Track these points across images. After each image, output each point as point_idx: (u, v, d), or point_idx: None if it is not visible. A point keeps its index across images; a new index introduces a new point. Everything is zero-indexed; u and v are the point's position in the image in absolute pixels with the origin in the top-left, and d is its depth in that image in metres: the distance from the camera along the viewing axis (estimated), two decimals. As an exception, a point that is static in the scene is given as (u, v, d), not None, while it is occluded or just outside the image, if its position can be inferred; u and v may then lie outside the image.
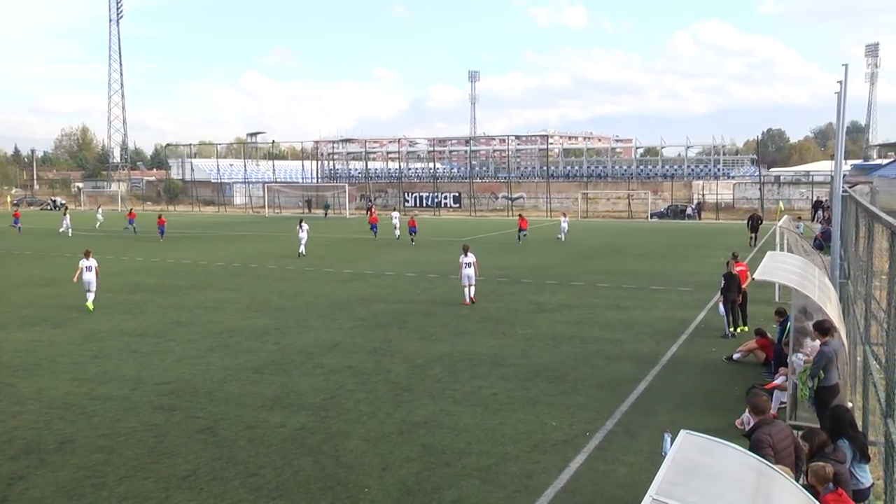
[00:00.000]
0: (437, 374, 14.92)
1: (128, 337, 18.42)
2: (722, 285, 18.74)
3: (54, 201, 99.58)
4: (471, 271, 22.92)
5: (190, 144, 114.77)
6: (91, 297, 22.52)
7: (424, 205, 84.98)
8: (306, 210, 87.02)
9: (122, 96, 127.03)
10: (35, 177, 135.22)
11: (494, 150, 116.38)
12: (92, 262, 22.85)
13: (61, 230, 53.66)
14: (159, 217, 51.22)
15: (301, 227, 38.17)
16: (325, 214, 76.00)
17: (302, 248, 37.40)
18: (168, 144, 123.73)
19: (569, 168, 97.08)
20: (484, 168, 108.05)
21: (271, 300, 23.71)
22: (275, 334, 18.61)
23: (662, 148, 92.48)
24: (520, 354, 16.51)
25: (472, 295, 22.81)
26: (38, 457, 10.84)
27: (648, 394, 13.70)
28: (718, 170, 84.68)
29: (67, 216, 56.18)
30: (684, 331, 18.97)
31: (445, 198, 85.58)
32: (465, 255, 23.18)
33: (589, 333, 18.63)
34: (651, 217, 69.67)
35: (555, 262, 33.80)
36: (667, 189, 78.29)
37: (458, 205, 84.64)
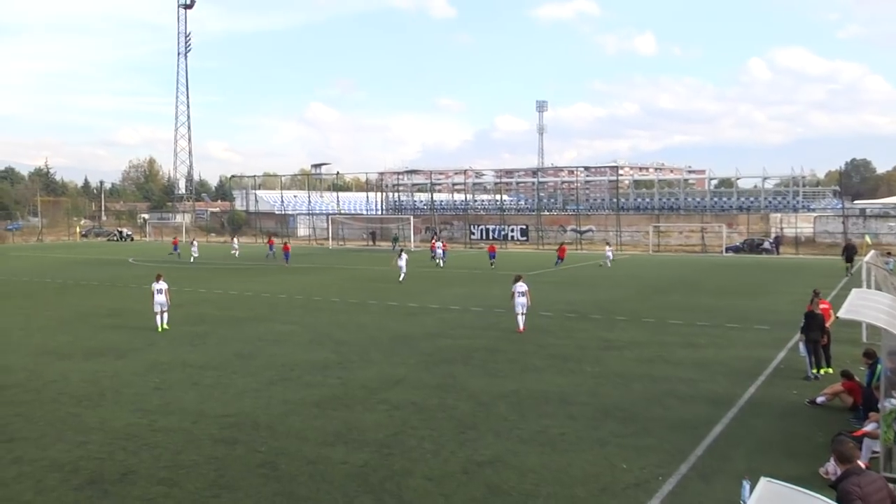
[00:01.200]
0: (503, 412, 14.79)
1: (190, 369, 18.76)
2: (802, 324, 18.20)
3: (120, 232, 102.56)
4: (524, 300, 24.09)
5: (254, 176, 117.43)
6: (164, 318, 24.74)
7: (491, 237, 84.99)
8: (371, 243, 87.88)
9: (189, 128, 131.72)
10: (103, 208, 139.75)
11: (563, 182, 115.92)
12: (163, 285, 24.90)
13: (195, 257, 60.47)
14: (285, 244, 56.89)
15: (401, 256, 42.48)
16: (395, 247, 76.67)
17: (402, 276, 41.30)
18: (233, 176, 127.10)
19: (639, 200, 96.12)
20: (552, 200, 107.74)
21: (333, 333, 23.90)
22: (337, 368, 18.72)
23: (737, 179, 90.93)
24: (588, 393, 16.27)
25: (523, 324, 23.86)
26: (101, 487, 11.07)
27: (724, 437, 13.33)
28: (798, 202, 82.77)
29: (195, 244, 63.90)
30: (762, 371, 18.46)
31: (512, 230, 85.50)
32: (519, 283, 24.38)
33: (660, 372, 18.27)
34: (726, 251, 68.32)
35: (625, 298, 33.37)
36: (742, 222, 76.79)
37: (525, 238, 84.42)
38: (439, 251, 54.46)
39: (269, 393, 16.31)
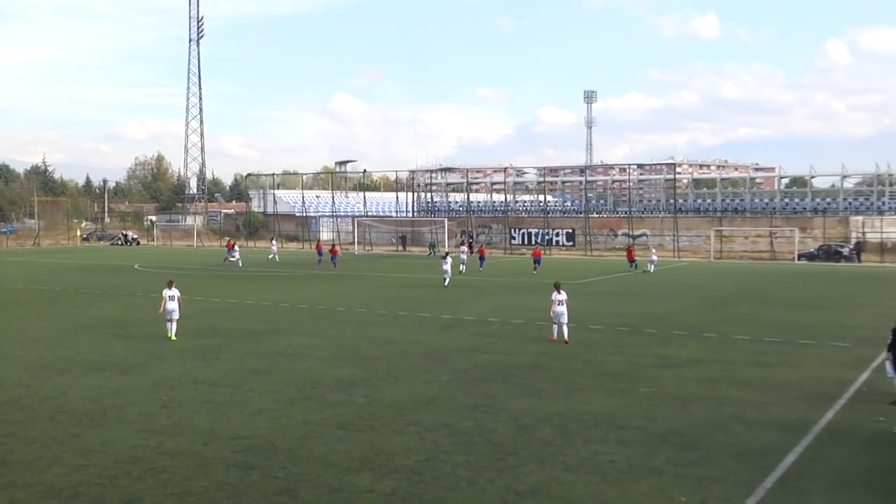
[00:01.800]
0: (546, 437, 14.71)
1: (201, 385, 18.91)
2: (889, 341, 17.88)
3: (125, 235, 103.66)
4: (563, 308, 24.95)
5: (272, 174, 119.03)
6: (174, 326, 25.59)
7: (533, 242, 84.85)
8: (401, 248, 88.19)
9: (201, 122, 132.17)
10: (106, 209, 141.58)
11: (613, 181, 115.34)
12: (175, 292, 25.81)
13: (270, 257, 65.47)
14: (332, 247, 60.46)
15: (445, 260, 44.90)
16: (431, 253, 76.88)
17: (447, 281, 43.77)
18: (249, 174, 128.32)
19: (699, 201, 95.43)
20: (601, 201, 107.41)
21: (360, 348, 23.98)
22: (363, 386, 18.76)
23: (812, 177, 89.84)
24: (642, 416, 16.13)
25: (565, 335, 24.86)
26: (102, 516, 11.16)
27: (798, 468, 13.12)
28: (883, 203, 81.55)
29: (274, 244, 68.32)
30: (842, 394, 18.17)
31: (557, 234, 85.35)
32: (558, 292, 25.15)
33: (724, 394, 18.07)
34: (798, 258, 67.51)
35: (683, 310, 33.10)
36: (818, 226, 75.85)
37: (571, 243, 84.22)
38: (464, 256, 55.41)
39: (289, 413, 16.38)
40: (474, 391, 18.28)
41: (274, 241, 74.46)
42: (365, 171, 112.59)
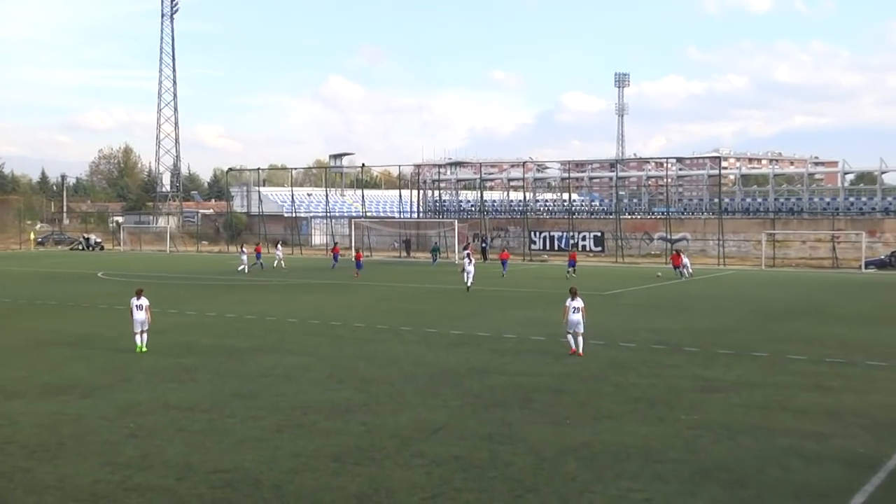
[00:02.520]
0: (571, 471, 14.66)
1: (174, 411, 18.89)
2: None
3: (87, 239, 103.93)
4: (579, 317, 25.82)
5: (258, 169, 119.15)
6: (144, 338, 26.65)
7: (556, 247, 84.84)
8: (404, 253, 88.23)
9: (175, 109, 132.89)
10: (65, 208, 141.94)
11: (648, 177, 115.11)
12: (144, 301, 26.79)
13: (277, 264, 66.41)
14: (357, 251, 62.79)
15: (469, 260, 47.94)
16: (435, 259, 76.90)
17: (469, 282, 47.42)
18: (230, 169, 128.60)
19: (749, 200, 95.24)
20: (634, 200, 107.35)
21: (358, 368, 23.96)
22: (362, 412, 18.72)
23: (882, 173, 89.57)
24: (682, 448, 16.05)
25: (580, 348, 25.79)
26: (59, 561, 11.13)
27: (865, 508, 13.03)
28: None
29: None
30: (916, 423, 18.06)
31: (584, 238, 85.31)
32: (573, 298, 25.98)
33: (778, 423, 17.97)
34: (866, 267, 67.26)
35: (729, 325, 33.01)
36: (889, 229, 75.62)
37: (599, 248, 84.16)
38: (465, 261, 54.72)
39: (276, 443, 16.35)
40: (488, 418, 18.21)
41: (280, 246, 74.87)
42: (363, 165, 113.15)
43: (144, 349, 26.40)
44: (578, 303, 25.87)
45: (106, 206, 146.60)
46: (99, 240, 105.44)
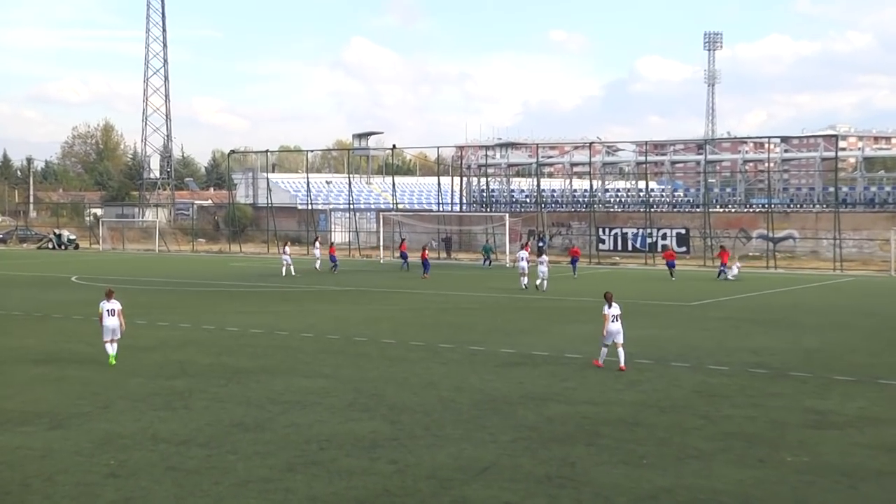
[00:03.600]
0: (650, 523, 14.49)
1: (164, 445, 18.90)
2: None
3: (59, 235, 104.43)
4: (619, 326, 27.19)
5: (266, 151, 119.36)
6: (114, 348, 27.55)
7: (629, 247, 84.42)
8: (444, 254, 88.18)
9: (166, 78, 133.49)
10: (31, 198, 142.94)
11: (745, 161, 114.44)
12: (115, 305, 27.71)
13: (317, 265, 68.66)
14: (424, 249, 65.13)
15: (541, 258, 50.87)
16: (487, 262, 76.88)
17: (544, 284, 50.49)
18: (232, 151, 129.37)
19: (873, 189, 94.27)
20: (727, 190, 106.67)
21: (386, 394, 23.91)
22: (391, 447, 18.67)
23: None
24: (789, 497, 15.88)
25: (622, 361, 27.03)
26: None
27: None
28: None
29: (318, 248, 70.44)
30: None
31: (664, 236, 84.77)
32: (610, 305, 27.25)
33: (912, 465, 17.72)
34: None
35: (849, 345, 32.70)
36: None
37: (684, 248, 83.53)
38: (522, 263, 55.90)
39: (286, 484, 16.34)
40: (546, 456, 18.11)
41: (318, 244, 75.04)
42: (394, 147, 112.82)
43: (114, 361, 27.38)
44: (616, 310, 27.39)
45: (82, 195, 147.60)
46: (73, 237, 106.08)
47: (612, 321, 27.33)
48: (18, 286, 56.08)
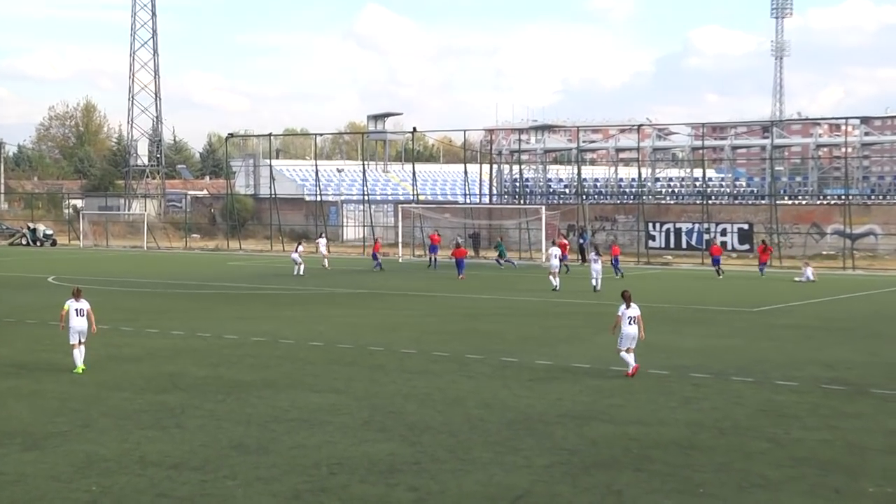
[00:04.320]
0: (709, 561, 14.43)
1: (153, 469, 18.90)
2: None
3: (33, 230, 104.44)
4: (636, 330, 28.06)
5: (269, 135, 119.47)
6: (82, 354, 28.24)
7: (684, 244, 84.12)
8: (471, 252, 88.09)
9: (155, 51, 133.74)
10: (2, 188, 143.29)
11: (819, 146, 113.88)
12: (84, 304, 28.49)
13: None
14: (458, 247, 65.14)
15: (591, 257, 53.09)
16: (502, 261, 76.73)
17: (596, 282, 52.84)
18: (231, 135, 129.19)
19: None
20: (797, 179, 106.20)
21: (406, 411, 23.90)
22: (411, 473, 18.64)
23: None
24: (870, 530, 15.74)
25: (633, 364, 27.98)
26: None
27: None
28: None
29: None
30: None
31: (724, 232, 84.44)
32: (627, 305, 28.08)
33: None
34: None
35: (936, 356, 32.46)
36: None
37: (746, 245, 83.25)
38: (554, 261, 56.80)
39: (290, 514, 16.31)
40: (588, 483, 18.08)
41: (323, 241, 75.24)
42: (414, 130, 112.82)
43: (83, 368, 28.10)
44: (634, 311, 28.11)
45: (59, 184, 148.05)
46: (50, 232, 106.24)
47: (629, 324, 27.97)
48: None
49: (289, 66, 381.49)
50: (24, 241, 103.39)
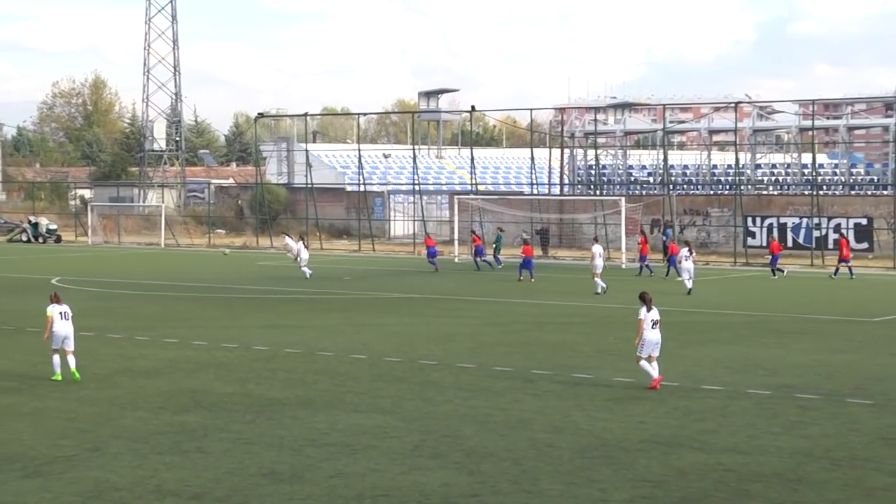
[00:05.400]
0: None
1: (171, 500, 19.01)
2: None
3: (34, 225, 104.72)
4: (658, 335, 28.70)
5: (304, 114, 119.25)
6: (72, 361, 29.29)
7: (789, 242, 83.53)
8: (539, 250, 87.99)
9: (174, 18, 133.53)
10: (0, 176, 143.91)
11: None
12: (66, 308, 29.93)
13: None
14: (525, 243, 66.77)
15: (686, 255, 54.69)
16: (485, 258, 76.38)
17: (689, 282, 54.55)
18: (261, 115, 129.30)
19: None
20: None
21: (462, 434, 23.94)
22: (468, 507, 18.67)
23: None
24: None
25: (655, 374, 28.73)
26: None
27: None
28: None
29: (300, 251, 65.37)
30: None
31: (837, 228, 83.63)
32: (648, 308, 28.62)
33: None
34: None
35: None
36: None
37: (865, 243, 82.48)
38: (598, 260, 57.51)
39: (329, 554, 16.40)
40: (678, 521, 18.03)
41: (302, 244, 73.02)
42: (473, 108, 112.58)
43: (76, 374, 29.26)
44: (655, 314, 28.73)
45: (65, 172, 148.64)
46: (54, 226, 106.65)
47: (651, 327, 28.56)
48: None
49: (327, 35, 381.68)
50: (24, 238, 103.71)
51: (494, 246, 77.79)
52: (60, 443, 23.00)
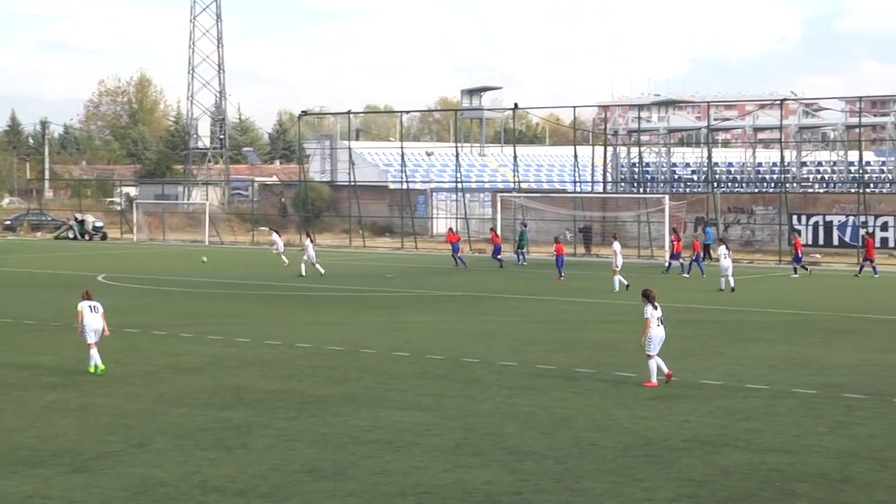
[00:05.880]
0: None
1: (216, 496, 19.07)
2: None
3: (81, 222, 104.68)
4: (664, 332, 29.12)
5: (348, 112, 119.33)
6: (97, 355, 30.06)
7: (835, 241, 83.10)
8: (582, 248, 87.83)
9: (218, 16, 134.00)
10: (47, 174, 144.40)
11: None
12: (96, 303, 30.70)
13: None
14: (557, 242, 65.27)
15: (725, 253, 54.06)
16: (519, 256, 76.38)
17: (730, 281, 53.89)
18: (304, 113, 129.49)
19: None
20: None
21: (505, 432, 23.93)
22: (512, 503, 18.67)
23: None
24: None
25: (666, 369, 29.05)
26: None
27: None
28: None
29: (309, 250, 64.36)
30: None
31: (884, 227, 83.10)
32: (654, 306, 29.01)
33: None
34: None
35: None
36: None
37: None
38: (619, 258, 58.34)
39: (373, 551, 16.42)
40: (722, 520, 17.98)
41: (309, 241, 71.53)
42: (516, 106, 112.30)
43: (101, 368, 30.04)
44: (660, 311, 29.33)
45: (111, 170, 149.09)
46: (100, 224, 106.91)
47: (658, 324, 29.00)
48: (30, 287, 56.98)
49: (369, 32, 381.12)
50: (70, 235, 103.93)
51: (518, 241, 77.80)
52: (106, 438, 23.12)
